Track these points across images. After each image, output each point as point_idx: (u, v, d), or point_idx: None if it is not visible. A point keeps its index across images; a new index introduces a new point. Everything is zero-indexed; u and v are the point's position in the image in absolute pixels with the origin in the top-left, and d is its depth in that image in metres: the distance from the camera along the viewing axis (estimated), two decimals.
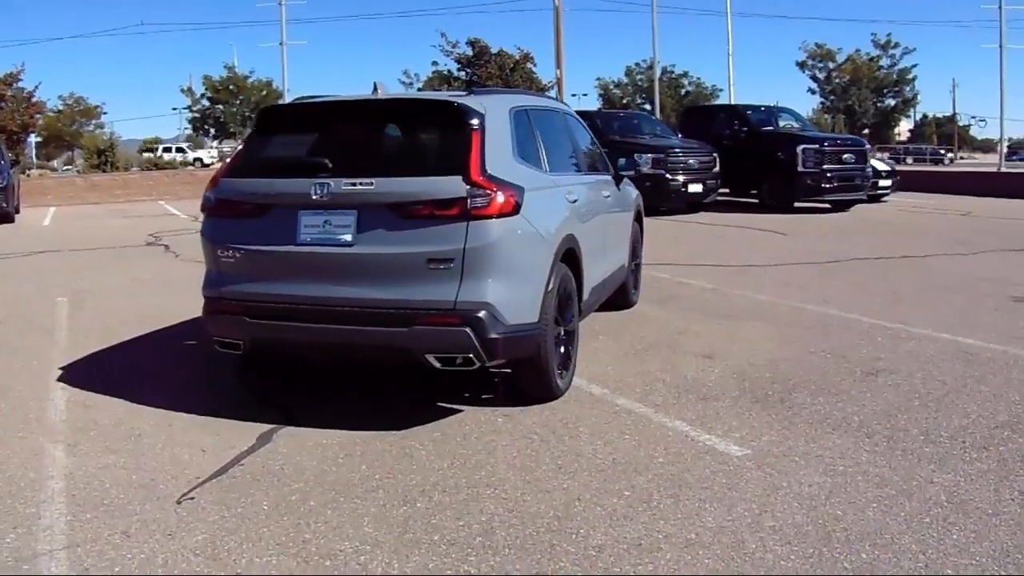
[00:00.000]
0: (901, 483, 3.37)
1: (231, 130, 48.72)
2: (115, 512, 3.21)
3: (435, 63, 28.98)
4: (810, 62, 50.03)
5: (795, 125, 17.35)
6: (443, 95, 4.66)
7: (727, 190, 16.46)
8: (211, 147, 55.93)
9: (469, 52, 21.91)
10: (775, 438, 3.90)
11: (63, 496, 3.36)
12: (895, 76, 47.89)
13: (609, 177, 6.22)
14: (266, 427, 4.13)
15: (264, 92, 49.86)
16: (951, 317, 6.40)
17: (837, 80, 48.72)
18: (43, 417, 4.38)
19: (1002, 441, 3.81)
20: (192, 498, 3.32)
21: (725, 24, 33.04)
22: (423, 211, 3.90)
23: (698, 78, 51.61)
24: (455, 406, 4.43)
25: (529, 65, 22.91)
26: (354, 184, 3.98)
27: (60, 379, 5.08)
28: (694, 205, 15.41)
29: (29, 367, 5.40)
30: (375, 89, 4.62)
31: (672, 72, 48.33)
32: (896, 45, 47.52)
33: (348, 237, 4.00)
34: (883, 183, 16.93)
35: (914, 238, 11.65)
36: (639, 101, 47.73)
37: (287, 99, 35.04)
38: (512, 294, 3.97)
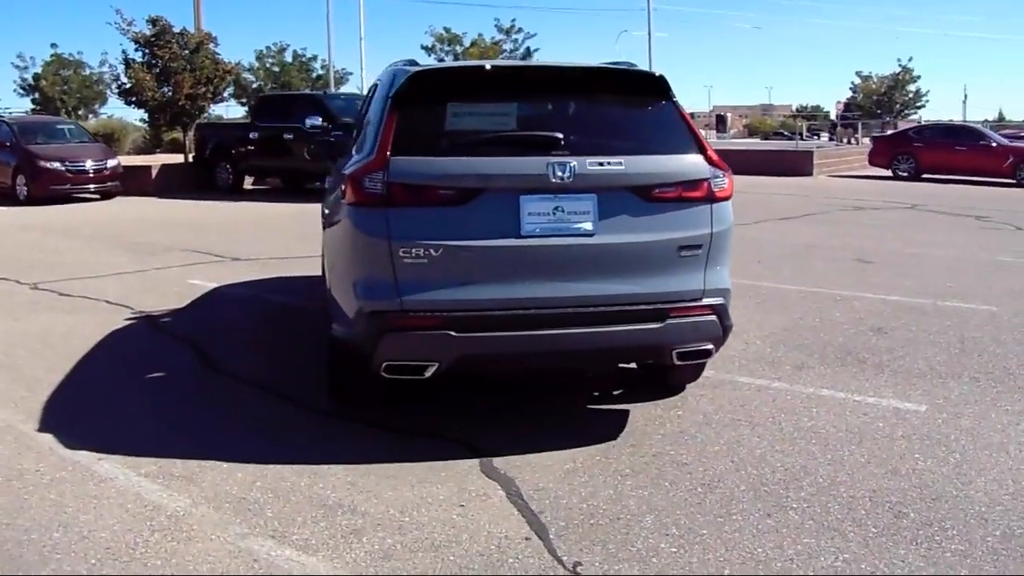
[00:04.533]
0: None
1: None
2: None
3: (54, 44, 24.65)
4: (438, 46, 52.25)
5: None
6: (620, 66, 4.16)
7: None
8: None
9: (147, 31, 19.19)
10: (918, 392, 4.47)
11: None
12: (520, 59, 52.62)
13: None
14: (469, 462, 3.59)
15: None
16: (843, 279, 7.56)
17: None
18: (148, 500, 3.21)
19: None
20: (580, 563, 2.80)
21: (357, 7, 33.89)
22: (670, 194, 3.64)
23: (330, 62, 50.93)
24: (608, 406, 4.30)
25: (211, 46, 20.86)
26: (601, 164, 3.54)
27: (79, 443, 3.72)
28: None
29: (11, 426, 3.98)
30: (529, 54, 4.06)
31: (303, 56, 47.13)
32: (520, 30, 51.93)
33: (589, 226, 3.54)
34: None
35: None
36: (272, 86, 45.67)
37: None
38: (728, 280, 3.90)
